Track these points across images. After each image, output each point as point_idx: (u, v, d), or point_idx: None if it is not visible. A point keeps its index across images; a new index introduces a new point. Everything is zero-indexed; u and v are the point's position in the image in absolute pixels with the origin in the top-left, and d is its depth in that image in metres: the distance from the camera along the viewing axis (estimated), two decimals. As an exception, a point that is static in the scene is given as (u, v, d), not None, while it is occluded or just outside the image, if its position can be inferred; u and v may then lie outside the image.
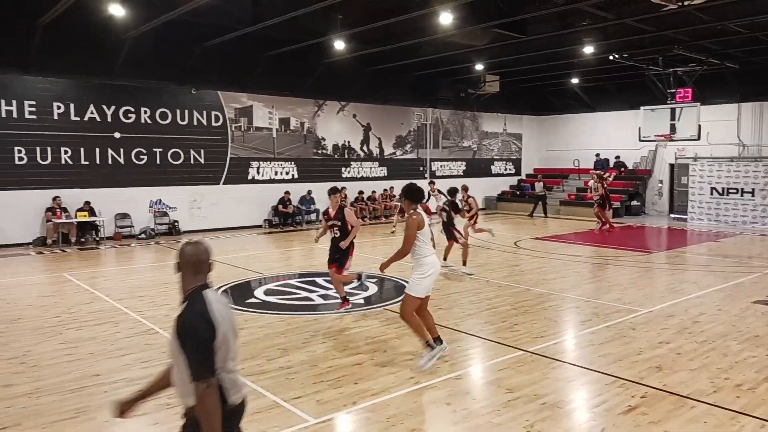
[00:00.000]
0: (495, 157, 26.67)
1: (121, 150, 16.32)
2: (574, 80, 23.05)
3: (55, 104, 15.28)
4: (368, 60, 18.70)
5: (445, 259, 10.98)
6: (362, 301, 8.86)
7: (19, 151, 14.80)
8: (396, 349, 6.50)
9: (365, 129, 21.94)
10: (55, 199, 14.99)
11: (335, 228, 8.06)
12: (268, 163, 19.40)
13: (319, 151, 20.72)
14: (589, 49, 17.06)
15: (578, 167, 25.18)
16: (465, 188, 12.22)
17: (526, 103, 26.46)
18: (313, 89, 19.58)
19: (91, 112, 15.84)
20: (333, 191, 8.23)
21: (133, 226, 16.37)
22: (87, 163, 15.79)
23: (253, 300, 8.99)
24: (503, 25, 14.51)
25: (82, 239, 15.32)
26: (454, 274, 10.85)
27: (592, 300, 8.90)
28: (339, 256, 8.02)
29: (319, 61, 18.21)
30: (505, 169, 27.16)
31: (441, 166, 24.39)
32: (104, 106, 16.01)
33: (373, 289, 9.66)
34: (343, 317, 7.92)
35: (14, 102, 14.69)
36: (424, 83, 22.23)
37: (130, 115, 16.45)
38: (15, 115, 14.71)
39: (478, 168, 25.84)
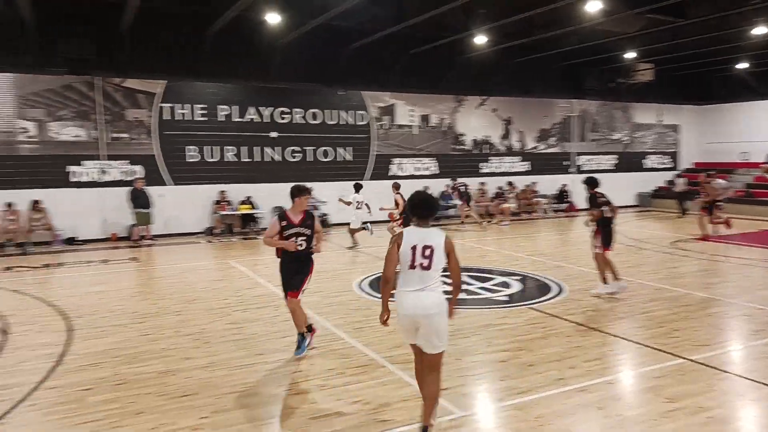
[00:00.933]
0: (648, 151, 24.85)
1: (278, 148, 17.63)
2: (741, 65, 20.77)
3: (220, 107, 16.87)
4: (510, 53, 18.34)
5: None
6: (506, 299, 8.76)
7: (191, 150, 16.57)
8: (542, 349, 6.36)
9: (506, 123, 21.54)
10: (221, 192, 16.58)
11: (300, 238, 6.16)
12: (409, 159, 19.80)
13: (458, 147, 20.73)
14: (760, 30, 15.28)
15: (747, 161, 22.66)
16: (396, 186, 13.28)
17: (684, 92, 24.29)
18: (453, 85, 19.62)
19: (251, 114, 17.27)
20: (299, 191, 6.19)
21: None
22: (248, 160, 17.28)
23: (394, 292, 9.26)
24: (658, 9, 13.49)
25: (244, 230, 16.79)
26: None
27: (766, 308, 8.02)
28: (299, 276, 6.23)
29: (460, 56, 18.22)
30: (661, 163, 25.19)
31: (588, 160, 23.24)
32: (262, 108, 17.38)
33: (515, 287, 9.51)
34: (485, 313, 7.90)
35: (187, 106, 16.45)
36: (569, 74, 21.30)
37: (284, 115, 17.71)
38: (188, 117, 16.48)
39: (630, 162, 24.26)
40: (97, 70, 15.06)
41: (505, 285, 9.58)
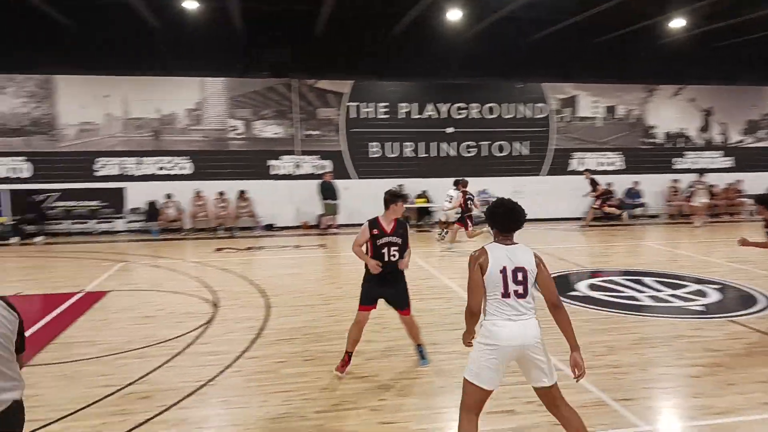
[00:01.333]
0: None
1: (453, 143, 17.85)
2: None
3: (400, 105, 17.53)
4: (711, 37, 16.47)
5: None
6: (702, 309, 7.95)
7: (373, 146, 17.47)
8: (746, 368, 5.67)
9: (705, 114, 19.37)
10: (399, 186, 17.23)
11: (393, 248, 5.70)
12: (592, 153, 18.76)
13: (648, 140, 19.12)
14: None
15: None
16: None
17: None
18: (643, 74, 18.14)
19: (429, 110, 17.69)
20: (395, 197, 5.80)
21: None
22: (425, 155, 17.75)
23: (575, 293, 8.90)
24: None
25: (419, 222, 17.30)
26: None
27: None
28: (401, 290, 5.89)
29: (651, 43, 16.81)
30: None
31: (810, 156, 20.05)
32: (440, 104, 17.71)
33: (712, 296, 8.58)
34: (676, 323, 7.25)
35: (371, 104, 17.36)
36: (786, 57, 18.53)
37: (461, 111, 17.86)
38: (371, 115, 17.38)
39: None
40: (294, 73, 16.58)
41: (701, 294, 8.69)
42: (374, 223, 5.75)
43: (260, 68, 16.23)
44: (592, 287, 9.26)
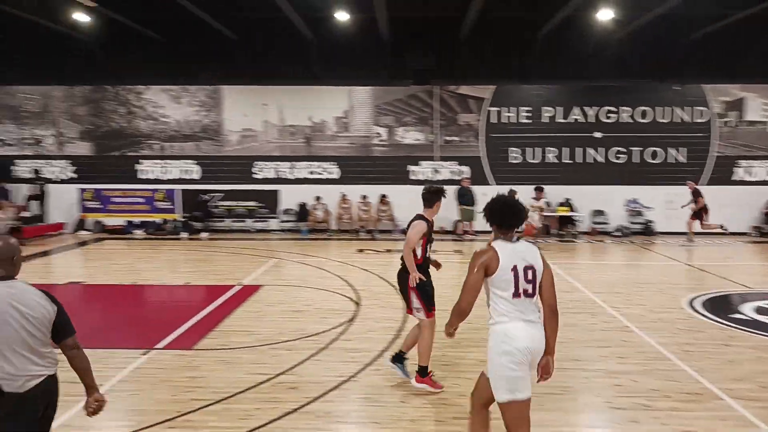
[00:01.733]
0: None
1: (601, 149, 16.97)
2: None
3: (544, 109, 17.02)
4: None
5: None
6: None
7: (514, 152, 17.14)
8: None
9: None
10: (512, 191, 16.76)
11: (431, 245, 5.70)
12: (762, 161, 16.83)
13: (837, 147, 16.75)
14: None
15: None
16: None
17: None
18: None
19: (575, 114, 16.98)
20: (439, 193, 5.80)
21: (608, 223, 16.86)
22: (569, 161, 17.06)
23: (739, 316, 8.07)
24: None
25: (561, 232, 16.67)
26: None
27: None
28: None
29: None
30: None
31: None
32: (587, 108, 16.92)
33: None
34: None
35: (513, 109, 17.06)
36: None
37: (610, 115, 16.92)
38: (513, 120, 17.08)
39: None
40: (437, 79, 16.80)
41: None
42: (426, 219, 5.68)
43: (404, 76, 16.68)
44: (760, 311, 8.33)
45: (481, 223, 14.37)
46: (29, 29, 15.35)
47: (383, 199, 16.87)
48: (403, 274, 5.63)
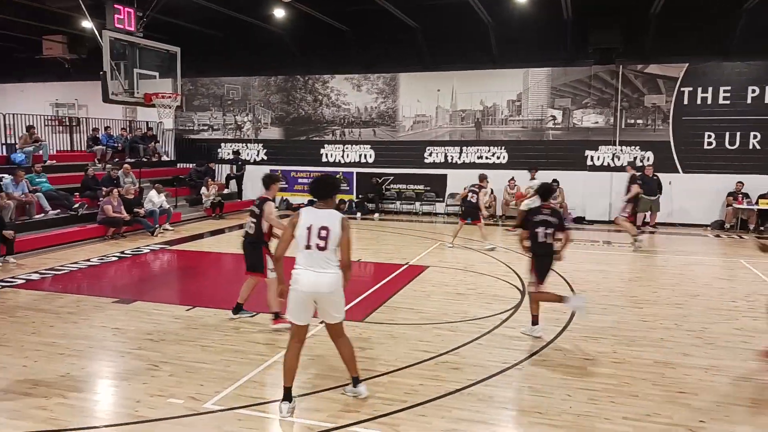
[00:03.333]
0: None
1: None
2: None
3: (749, 88, 15.03)
4: None
5: None
6: None
7: (709, 136, 15.41)
8: None
9: None
10: (738, 184, 14.90)
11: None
12: None
13: None
14: None
15: None
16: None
17: None
18: None
19: (788, 94, 14.76)
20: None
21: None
22: (777, 148, 14.94)
23: None
24: None
25: (761, 227, 14.69)
26: None
27: None
28: None
29: None
30: None
31: None
32: (803, 87, 14.61)
33: None
34: None
35: (710, 89, 15.30)
36: None
37: (834, 94, 14.42)
38: (709, 101, 15.33)
39: None
40: (622, 58, 15.66)
41: None
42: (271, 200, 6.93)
43: (585, 56, 15.79)
44: None
45: (664, 215, 13.30)
46: (236, 26, 17.20)
47: (555, 185, 16.21)
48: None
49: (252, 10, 15.70)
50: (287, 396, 4.63)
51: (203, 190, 16.94)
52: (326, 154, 18.93)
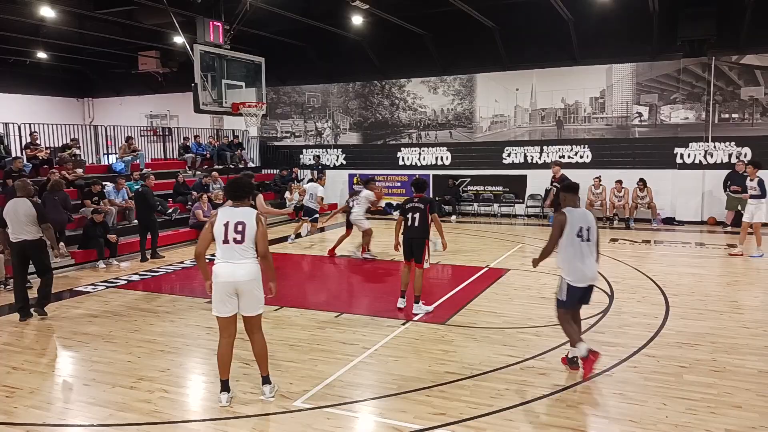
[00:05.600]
0: None
1: None
2: None
3: None
4: None
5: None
6: None
7: (816, 130, 14.26)
8: None
9: None
10: None
11: None
12: None
13: None
14: None
15: None
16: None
17: None
18: None
19: None
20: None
21: None
22: None
23: None
24: None
25: None
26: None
27: None
28: None
29: None
30: None
31: None
32: None
33: None
34: None
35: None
36: None
37: None
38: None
39: None
40: (714, 50, 14.78)
41: None
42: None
43: (673, 49, 15.02)
44: None
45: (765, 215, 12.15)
46: (316, 35, 17.67)
47: (642, 184, 15.52)
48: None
49: (331, 18, 16.06)
50: (225, 387, 4.97)
51: (287, 194, 17.50)
52: (403, 157, 19.04)
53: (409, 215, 7.43)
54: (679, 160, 15.65)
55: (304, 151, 20.45)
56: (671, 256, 11.59)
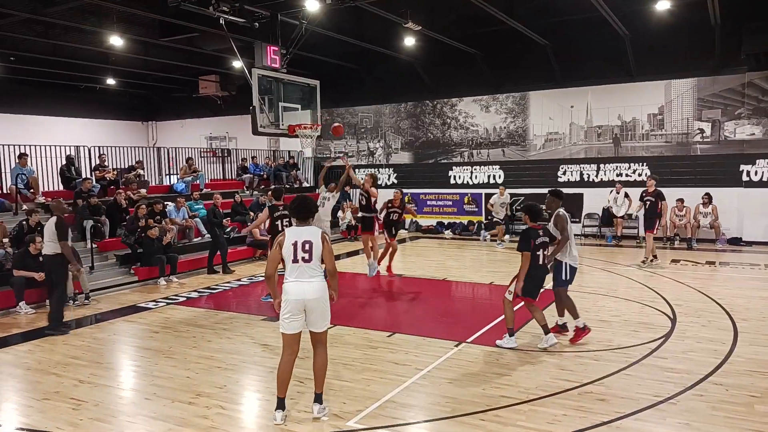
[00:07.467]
0: None
1: None
2: None
3: None
4: None
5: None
6: None
7: None
8: None
9: None
10: None
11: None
12: None
13: None
14: None
15: None
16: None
17: None
18: None
19: None
20: None
21: None
22: None
23: None
24: None
25: None
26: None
27: None
28: None
29: None
30: None
31: None
32: None
33: None
34: None
35: None
36: None
37: None
38: None
39: None
40: (784, 62, 14.18)
41: None
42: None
43: (737, 63, 14.46)
44: None
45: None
46: (368, 57, 17.97)
47: (705, 203, 14.90)
48: None
49: (383, 40, 16.31)
50: (281, 405, 5.03)
51: (339, 213, 17.70)
52: (454, 176, 18.98)
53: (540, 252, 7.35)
54: (745, 178, 14.96)
55: (356, 171, 20.67)
56: (738, 278, 11.04)
